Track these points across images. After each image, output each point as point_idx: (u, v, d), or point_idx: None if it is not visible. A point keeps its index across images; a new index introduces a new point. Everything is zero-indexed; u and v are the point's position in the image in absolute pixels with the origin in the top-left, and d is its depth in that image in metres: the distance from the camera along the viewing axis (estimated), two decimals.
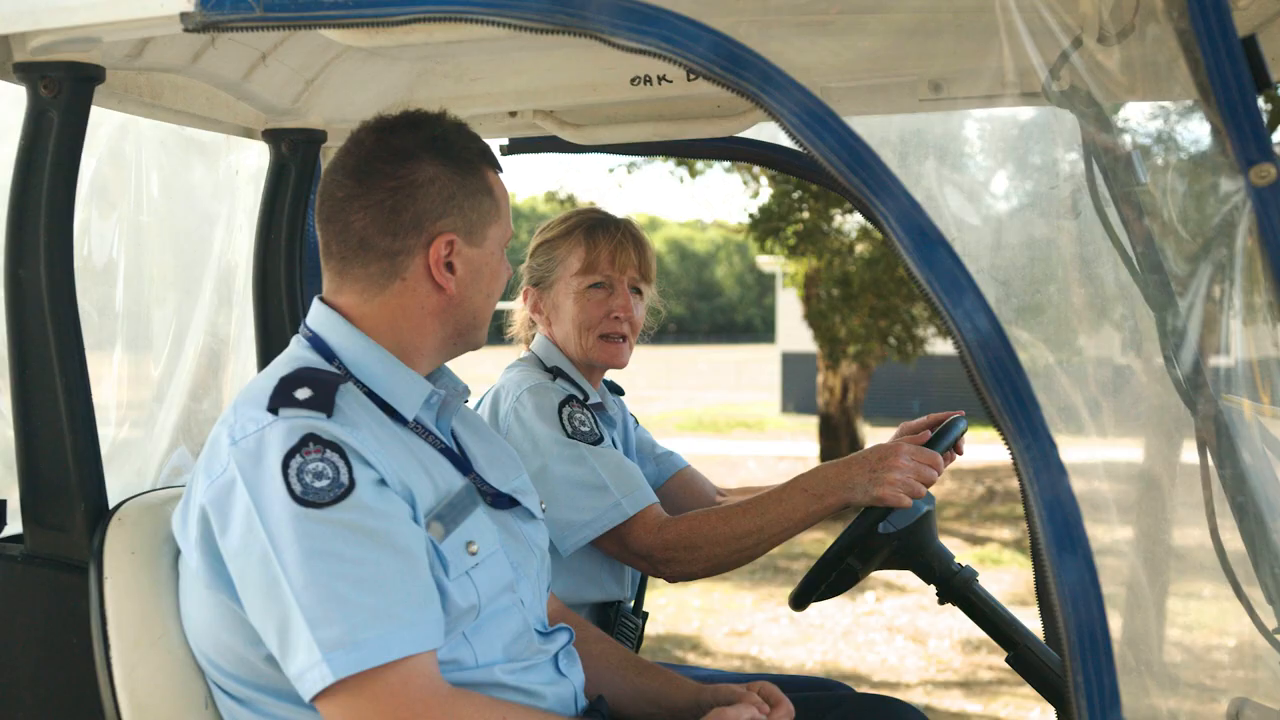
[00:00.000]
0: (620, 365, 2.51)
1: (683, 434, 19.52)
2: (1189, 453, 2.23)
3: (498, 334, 2.69)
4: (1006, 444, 1.42)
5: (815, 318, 12.39)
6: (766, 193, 11.84)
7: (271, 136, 2.49)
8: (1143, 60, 1.85)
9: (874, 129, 2.59)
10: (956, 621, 8.08)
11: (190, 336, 2.45)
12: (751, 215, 11.72)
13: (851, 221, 11.90)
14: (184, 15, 1.49)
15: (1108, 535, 2.43)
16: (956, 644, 7.71)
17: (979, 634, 7.70)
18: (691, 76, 2.38)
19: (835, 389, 13.56)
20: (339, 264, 1.74)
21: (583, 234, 2.49)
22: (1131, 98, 2.13)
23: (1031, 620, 2.26)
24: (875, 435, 17.89)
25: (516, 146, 2.75)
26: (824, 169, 1.44)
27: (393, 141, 1.71)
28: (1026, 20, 1.88)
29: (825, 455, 13.58)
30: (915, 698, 6.47)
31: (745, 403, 25.08)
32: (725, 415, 22.45)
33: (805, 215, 11.63)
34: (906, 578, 9.09)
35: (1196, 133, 1.75)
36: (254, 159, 2.58)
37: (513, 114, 2.62)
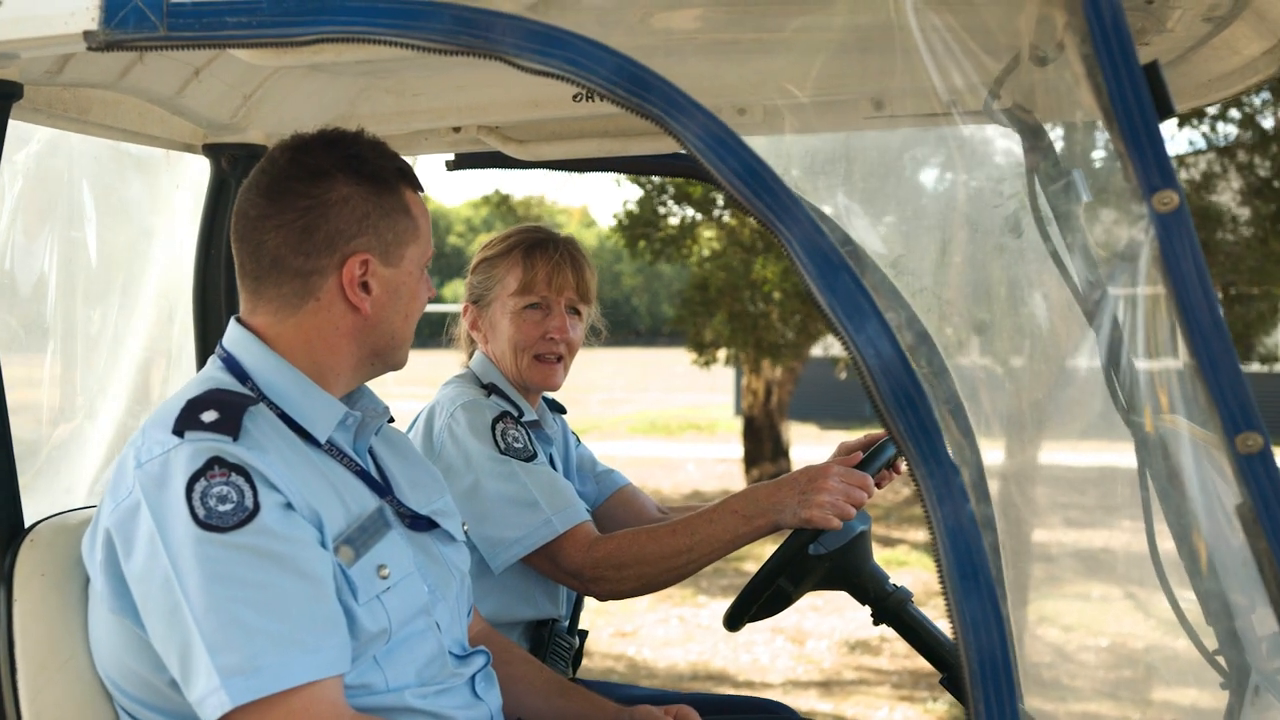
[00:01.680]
0: (554, 387, 2.50)
1: (634, 436, 19.51)
2: (1129, 471, 2.23)
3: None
4: (909, 470, 1.41)
5: (677, 321, 12.42)
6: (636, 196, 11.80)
7: (212, 151, 2.48)
8: (1071, 81, 1.85)
9: (817, 147, 2.58)
10: (842, 622, 8.21)
11: (127, 352, 2.44)
12: (619, 219, 11.74)
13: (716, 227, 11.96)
14: (88, 34, 1.48)
15: (1044, 553, 2.43)
16: (835, 645, 7.81)
17: (857, 635, 7.85)
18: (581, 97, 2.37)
19: (759, 392, 13.58)
20: (253, 284, 1.73)
21: (521, 254, 2.48)
22: (1067, 117, 2.13)
23: None
24: (828, 437, 17.93)
25: (461, 162, 2.74)
26: (728, 191, 1.43)
27: (306, 160, 1.70)
28: (966, 39, 1.88)
29: (749, 458, 13.61)
30: (772, 695, 6.57)
31: (708, 405, 25.10)
32: (680, 418, 22.46)
33: (673, 221, 11.65)
34: None
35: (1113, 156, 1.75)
36: (195, 174, 2.56)
37: (456, 129, 2.61)
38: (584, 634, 2.56)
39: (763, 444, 13.54)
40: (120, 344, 2.42)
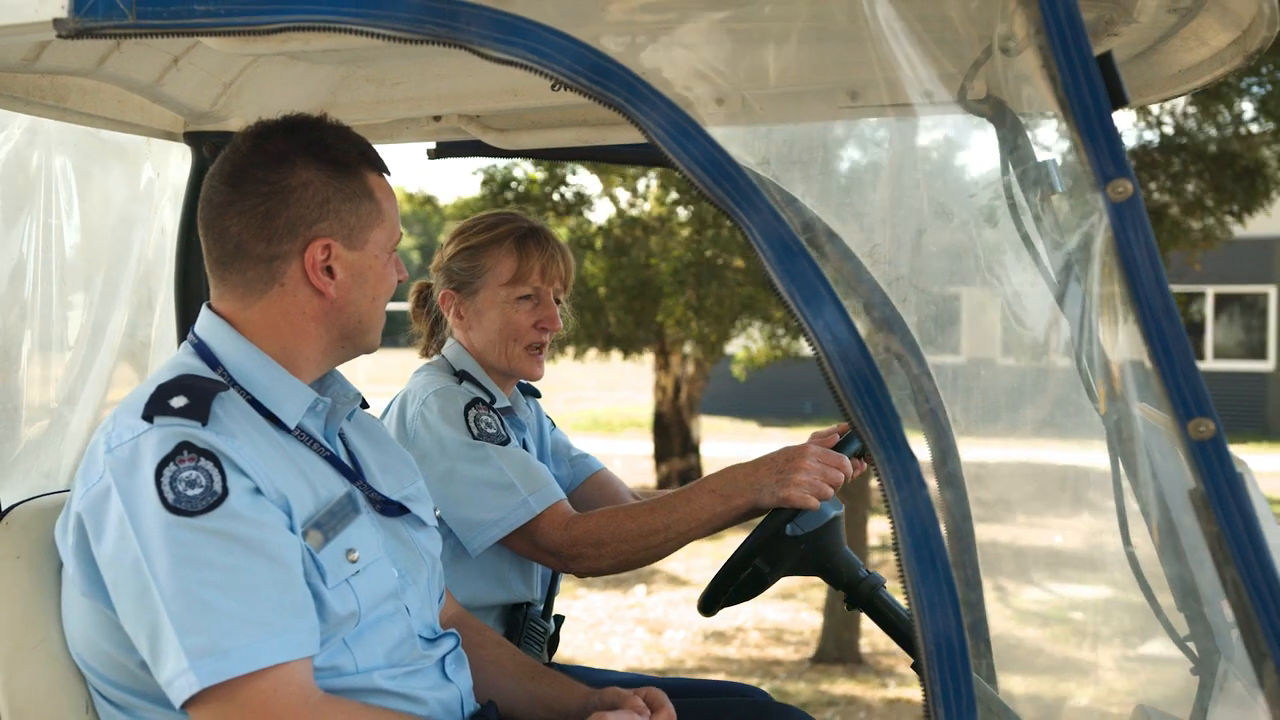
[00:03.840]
0: (539, 377, 2.53)
1: (575, 434, 19.70)
2: (1102, 459, 2.25)
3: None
4: (868, 454, 1.43)
5: None
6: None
7: (193, 139, 2.49)
8: (1032, 72, 1.86)
9: (795, 137, 2.60)
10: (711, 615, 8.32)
11: (107, 339, 2.45)
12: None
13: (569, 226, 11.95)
14: (57, 22, 1.49)
15: (1018, 539, 2.45)
16: (692, 635, 7.94)
17: (715, 627, 7.93)
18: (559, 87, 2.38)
19: (667, 388, 13.65)
20: (219, 270, 1.75)
21: (514, 244, 2.48)
22: (1033, 108, 2.15)
23: None
24: (766, 434, 17.88)
25: (443, 150, 2.76)
26: (690, 180, 1.45)
27: (267, 146, 1.72)
28: (939, 30, 1.89)
29: (658, 454, 13.72)
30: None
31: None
32: (623, 415, 22.57)
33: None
34: (694, 573, 9.52)
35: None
36: (176, 161, 2.58)
37: (437, 118, 2.63)
38: (560, 619, 2.58)
39: (671, 440, 13.64)
40: (100, 331, 2.44)
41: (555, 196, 11.24)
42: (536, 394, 2.71)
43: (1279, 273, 20.54)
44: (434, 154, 2.77)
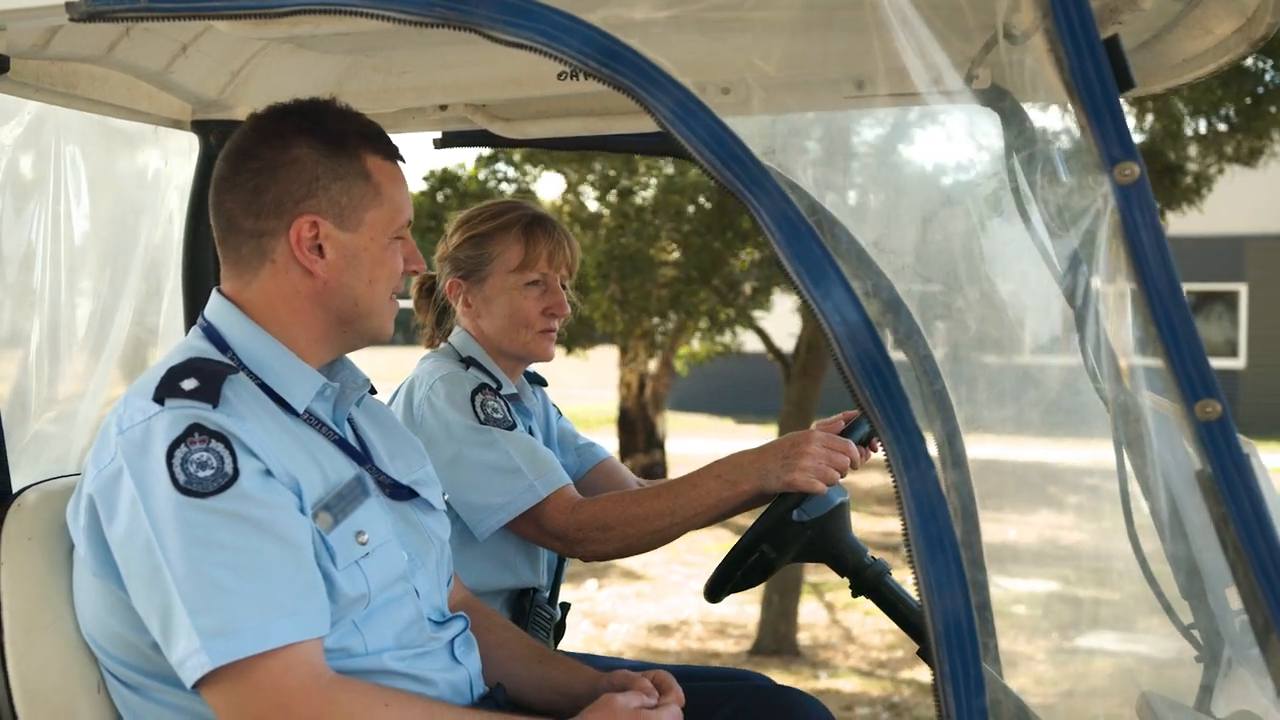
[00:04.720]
0: (551, 357, 2.54)
1: None
2: (1106, 449, 2.25)
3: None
4: (876, 436, 1.43)
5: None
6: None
7: (200, 128, 2.50)
8: (1038, 57, 1.87)
9: (801, 126, 2.61)
10: (656, 608, 8.43)
11: (115, 326, 2.47)
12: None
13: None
14: (69, 5, 1.50)
15: (1024, 529, 2.45)
16: (637, 628, 8.02)
17: (661, 620, 7.97)
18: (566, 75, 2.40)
19: (632, 384, 13.65)
20: (220, 248, 1.78)
21: (521, 231, 2.50)
22: (1040, 96, 2.15)
23: None
24: (742, 430, 17.80)
25: (449, 140, 2.77)
26: (699, 163, 1.46)
27: (266, 125, 1.74)
28: (945, 18, 1.90)
29: (623, 450, 13.74)
30: None
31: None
32: (601, 412, 22.60)
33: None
34: (649, 568, 9.58)
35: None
36: (184, 149, 2.59)
37: (443, 107, 2.64)
38: (566, 606, 2.59)
39: (636, 436, 13.66)
40: (108, 319, 2.46)
41: (495, 194, 11.26)
42: (543, 382, 2.72)
43: (1250, 270, 20.45)
44: (440, 143, 2.78)
